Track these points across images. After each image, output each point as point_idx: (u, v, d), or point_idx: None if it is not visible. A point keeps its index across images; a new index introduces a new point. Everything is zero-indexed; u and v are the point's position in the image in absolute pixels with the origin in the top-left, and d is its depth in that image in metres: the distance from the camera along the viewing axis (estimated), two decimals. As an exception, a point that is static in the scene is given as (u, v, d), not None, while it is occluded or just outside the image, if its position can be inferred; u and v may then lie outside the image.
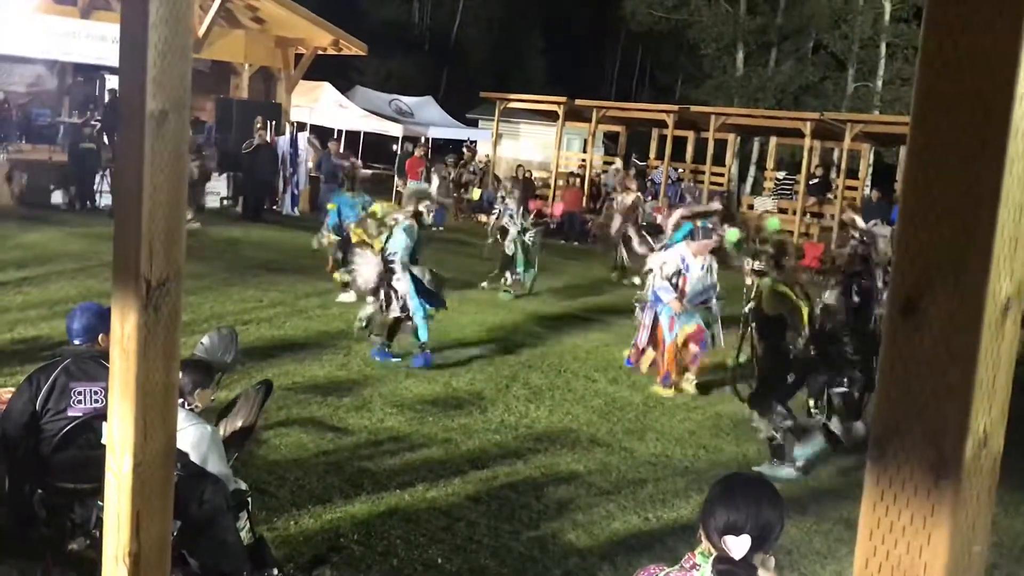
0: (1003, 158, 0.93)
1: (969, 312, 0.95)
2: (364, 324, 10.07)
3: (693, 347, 9.64)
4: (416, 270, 9.93)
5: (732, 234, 8.48)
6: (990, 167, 0.94)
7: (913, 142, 0.98)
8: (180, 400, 4.67)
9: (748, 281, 7.95)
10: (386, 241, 9.86)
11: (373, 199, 12.43)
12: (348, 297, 11.88)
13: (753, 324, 7.69)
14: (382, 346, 9.94)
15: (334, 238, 13.28)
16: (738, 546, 2.55)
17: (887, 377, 0.99)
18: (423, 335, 9.87)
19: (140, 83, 1.79)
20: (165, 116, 1.82)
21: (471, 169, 26.07)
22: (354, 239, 10.43)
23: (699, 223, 9.53)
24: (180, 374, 4.64)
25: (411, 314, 9.84)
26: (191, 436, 4.66)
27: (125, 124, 1.85)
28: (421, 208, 10.02)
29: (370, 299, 10.01)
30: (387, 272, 9.83)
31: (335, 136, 28.01)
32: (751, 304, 7.71)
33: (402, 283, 9.83)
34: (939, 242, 0.96)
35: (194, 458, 4.63)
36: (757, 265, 7.81)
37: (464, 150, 27.04)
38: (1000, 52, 0.94)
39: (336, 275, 12.62)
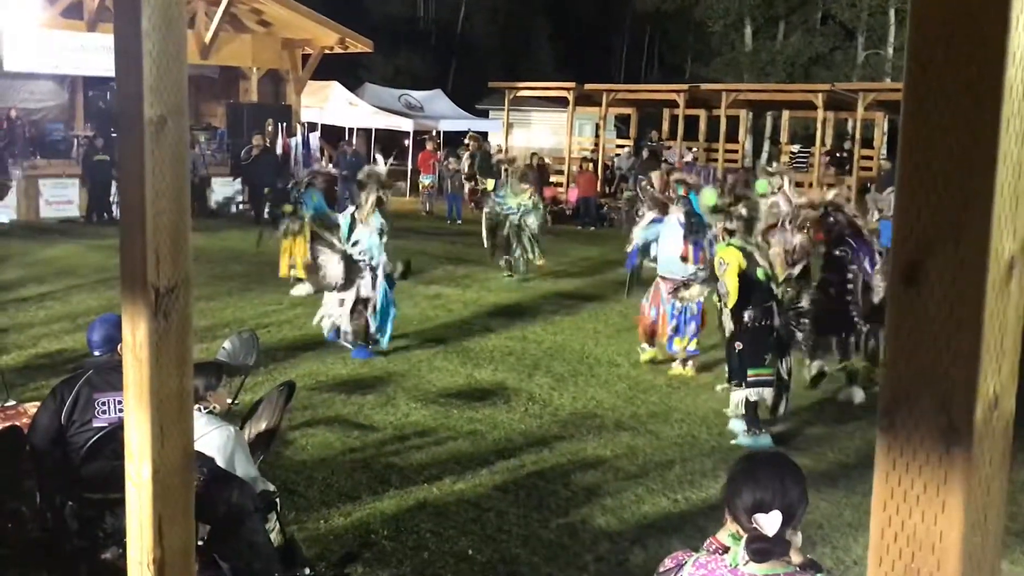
0: (999, 116, 0.92)
1: (972, 274, 0.93)
2: (329, 330, 10.00)
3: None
4: (386, 265, 9.96)
5: (709, 196, 8.38)
6: (986, 126, 0.92)
7: (907, 105, 0.97)
8: (196, 405, 4.68)
9: (720, 238, 7.99)
10: (349, 236, 9.90)
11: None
12: (303, 290, 12.01)
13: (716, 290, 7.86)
14: (356, 343, 9.89)
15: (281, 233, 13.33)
16: (770, 523, 2.51)
17: (893, 344, 0.97)
18: (384, 340, 9.91)
19: (137, 91, 1.79)
20: (164, 123, 1.82)
21: (479, 160, 25.99)
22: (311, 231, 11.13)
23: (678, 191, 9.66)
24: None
25: (376, 313, 9.84)
26: (216, 439, 4.68)
27: (124, 133, 1.85)
28: (381, 195, 9.97)
29: (338, 296, 9.85)
30: (355, 268, 9.77)
31: (347, 135, 28.11)
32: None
33: (376, 284, 9.82)
34: (938, 204, 0.94)
35: (220, 461, 4.65)
36: (729, 224, 7.76)
37: (467, 141, 26.96)
38: (991, 10, 0.92)
39: (288, 270, 12.80)
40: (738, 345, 7.65)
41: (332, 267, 9.77)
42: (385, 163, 10.66)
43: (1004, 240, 0.93)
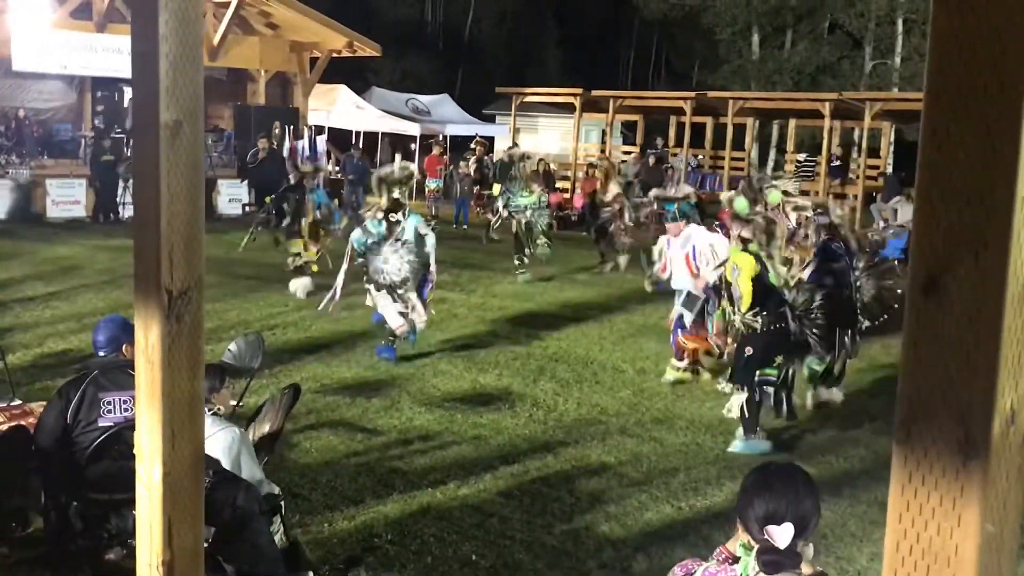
0: (1020, 130, 0.92)
1: (992, 288, 0.93)
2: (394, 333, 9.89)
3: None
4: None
5: (740, 203, 8.37)
6: (1007, 140, 0.92)
7: (928, 118, 0.97)
8: None
9: (732, 244, 7.99)
10: (408, 241, 9.74)
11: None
12: (304, 284, 12.41)
13: (724, 293, 7.83)
14: (388, 343, 9.86)
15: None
16: (782, 535, 2.49)
17: (910, 357, 0.97)
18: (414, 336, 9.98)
19: (153, 94, 1.80)
20: (179, 126, 1.83)
21: (485, 164, 26.03)
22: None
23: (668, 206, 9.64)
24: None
25: (415, 311, 9.82)
26: (222, 441, 4.69)
27: (140, 135, 1.86)
28: (396, 196, 9.76)
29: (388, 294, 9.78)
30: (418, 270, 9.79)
31: (354, 138, 28.15)
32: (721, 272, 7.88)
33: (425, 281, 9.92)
34: (958, 219, 0.94)
35: (226, 462, 4.66)
36: (745, 233, 7.75)
37: (473, 145, 26.97)
38: (1012, 24, 0.92)
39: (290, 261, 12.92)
40: (748, 350, 7.65)
41: (393, 263, 9.66)
42: (398, 162, 10.60)
43: (1024, 255, 0.94)
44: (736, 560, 2.58)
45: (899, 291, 8.91)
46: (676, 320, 9.65)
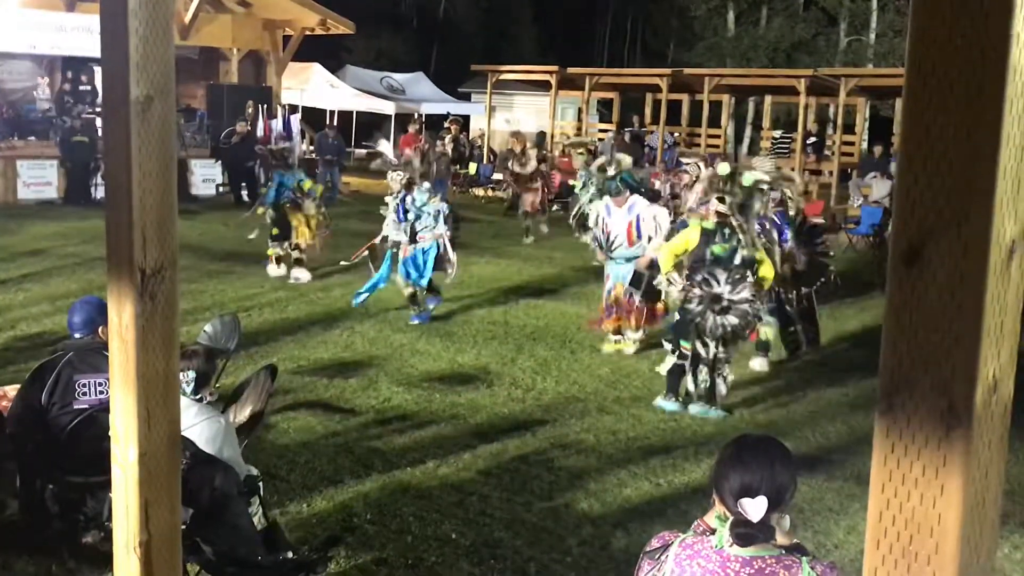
0: (1002, 99, 0.91)
1: (974, 257, 0.93)
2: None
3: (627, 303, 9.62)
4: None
5: (723, 168, 8.36)
6: (989, 109, 0.92)
7: (909, 88, 0.96)
8: (197, 396, 4.64)
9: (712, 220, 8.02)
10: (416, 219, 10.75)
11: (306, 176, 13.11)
12: (278, 271, 12.58)
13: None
14: (420, 312, 10.66)
15: (270, 213, 12.93)
16: (755, 508, 2.50)
17: (892, 327, 0.97)
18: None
19: (123, 70, 1.76)
20: (150, 102, 1.80)
21: (461, 143, 25.93)
22: (294, 223, 12.47)
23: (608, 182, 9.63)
24: (189, 364, 4.63)
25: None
26: (205, 431, 4.62)
27: (110, 112, 1.82)
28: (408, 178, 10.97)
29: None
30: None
31: (328, 117, 27.96)
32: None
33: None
34: (940, 188, 0.94)
35: (209, 452, 4.61)
36: (722, 208, 7.75)
37: (447, 124, 26.79)
38: (995, -10, 0.91)
39: (269, 251, 12.75)
40: (675, 316, 8.04)
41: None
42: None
43: (1006, 223, 0.93)
44: (713, 531, 2.59)
45: (831, 254, 9.11)
46: (608, 296, 9.70)
